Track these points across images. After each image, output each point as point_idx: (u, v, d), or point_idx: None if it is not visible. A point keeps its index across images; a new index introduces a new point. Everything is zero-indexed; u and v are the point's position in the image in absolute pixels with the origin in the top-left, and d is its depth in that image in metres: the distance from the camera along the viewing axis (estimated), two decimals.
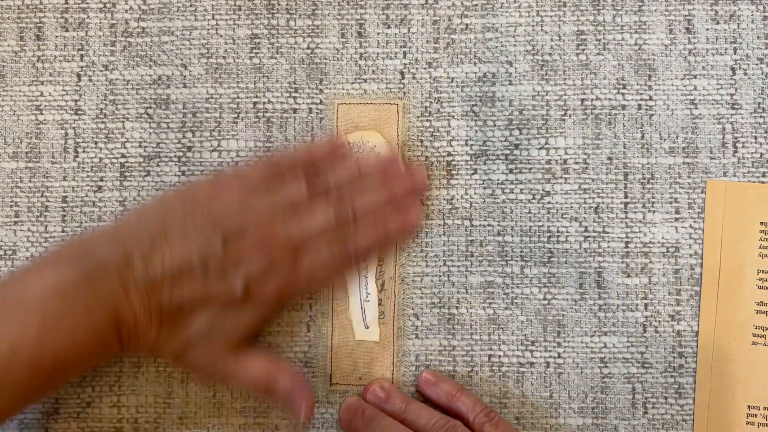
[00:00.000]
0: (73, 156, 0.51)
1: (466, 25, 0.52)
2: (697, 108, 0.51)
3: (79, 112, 0.52)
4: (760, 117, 0.51)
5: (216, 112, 0.52)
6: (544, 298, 0.50)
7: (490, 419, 0.46)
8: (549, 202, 0.51)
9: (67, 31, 0.52)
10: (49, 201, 0.51)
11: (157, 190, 0.51)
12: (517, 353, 0.50)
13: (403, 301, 0.50)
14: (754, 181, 0.51)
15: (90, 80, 0.52)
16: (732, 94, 0.51)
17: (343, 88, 0.52)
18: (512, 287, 0.50)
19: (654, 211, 0.50)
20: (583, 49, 0.52)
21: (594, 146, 0.51)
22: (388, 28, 0.52)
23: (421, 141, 0.51)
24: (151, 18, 0.52)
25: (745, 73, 0.51)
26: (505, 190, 0.51)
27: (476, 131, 0.51)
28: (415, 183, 0.49)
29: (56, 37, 0.52)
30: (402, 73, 0.52)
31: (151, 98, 0.52)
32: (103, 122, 0.52)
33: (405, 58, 0.52)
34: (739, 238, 0.50)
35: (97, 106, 0.52)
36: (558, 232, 0.50)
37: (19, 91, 0.52)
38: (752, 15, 0.51)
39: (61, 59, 0.52)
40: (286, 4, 0.52)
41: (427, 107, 0.51)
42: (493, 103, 0.51)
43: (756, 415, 0.49)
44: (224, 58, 0.52)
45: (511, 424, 0.49)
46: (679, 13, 0.52)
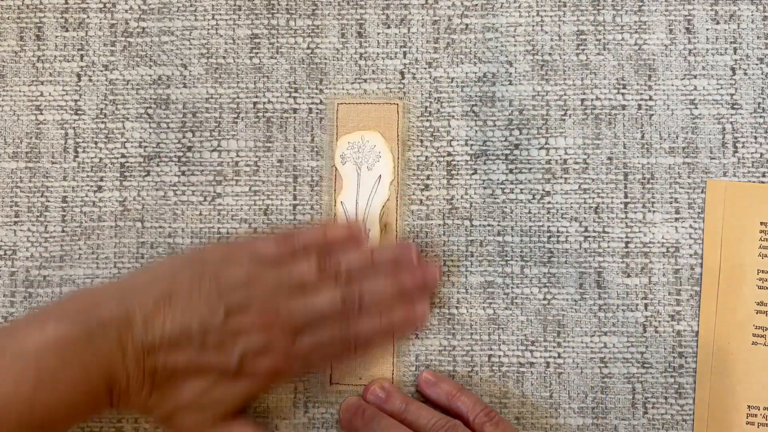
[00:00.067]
0: (73, 156, 0.51)
1: (466, 25, 0.52)
2: (697, 108, 0.51)
3: (79, 112, 0.52)
4: (760, 117, 0.51)
5: (216, 112, 0.52)
6: (544, 298, 0.50)
7: (490, 419, 0.46)
8: (549, 202, 0.51)
9: (67, 31, 0.52)
10: (49, 201, 0.51)
11: (157, 190, 0.51)
12: (517, 353, 0.50)
13: None
14: (754, 181, 0.51)
15: (90, 80, 0.52)
16: (732, 94, 0.51)
17: (343, 88, 0.52)
18: (512, 287, 0.50)
19: (654, 211, 0.50)
20: (583, 49, 0.52)
21: (594, 146, 0.51)
22: (388, 28, 0.52)
23: (421, 141, 0.51)
24: (151, 18, 0.52)
25: (745, 73, 0.51)
26: (505, 190, 0.51)
27: (476, 131, 0.51)
28: (426, 279, 0.49)
29: (56, 37, 0.52)
30: (402, 73, 0.52)
31: (151, 98, 0.52)
32: (103, 122, 0.52)
33: (405, 58, 0.52)
34: (739, 238, 0.50)
35: (97, 106, 0.52)
36: (558, 232, 0.50)
37: (19, 91, 0.52)
38: (752, 15, 0.51)
39: (61, 59, 0.52)
40: (286, 4, 0.52)
41: (427, 107, 0.51)
42: (493, 103, 0.51)
43: (756, 415, 0.49)
44: (224, 58, 0.52)
45: (511, 424, 0.49)
46: (679, 13, 0.52)
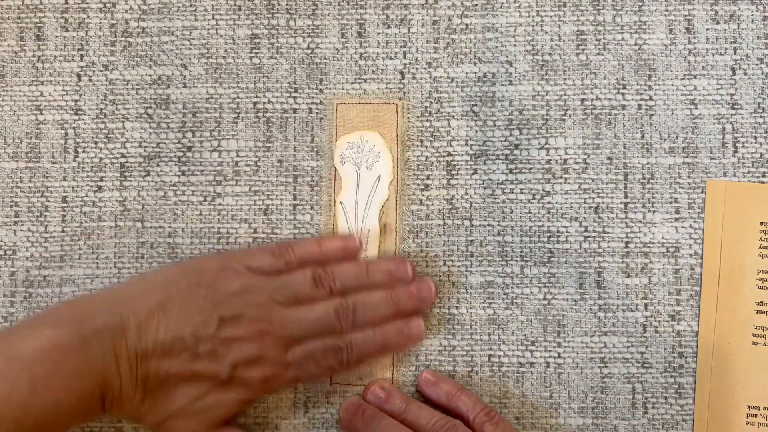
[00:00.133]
0: (73, 156, 0.51)
1: (466, 25, 0.52)
2: (697, 108, 0.51)
3: (79, 112, 0.52)
4: (760, 117, 0.51)
5: (216, 112, 0.52)
6: (544, 298, 0.50)
7: (490, 419, 0.46)
8: (549, 202, 0.51)
9: (67, 31, 0.52)
10: (49, 201, 0.51)
11: (157, 190, 0.51)
12: (517, 353, 0.50)
13: None
14: (754, 181, 0.50)
15: (90, 80, 0.52)
16: (732, 94, 0.51)
17: (343, 88, 0.52)
18: (512, 287, 0.50)
19: (654, 211, 0.50)
20: (583, 49, 0.52)
21: (594, 146, 0.51)
22: (388, 28, 0.52)
23: (421, 141, 0.51)
24: (151, 18, 0.52)
25: (745, 73, 0.51)
26: (505, 190, 0.51)
27: (476, 131, 0.51)
28: (421, 296, 0.48)
29: (56, 37, 0.52)
30: (402, 73, 0.52)
31: (151, 98, 0.52)
32: (103, 122, 0.52)
33: (405, 58, 0.52)
34: (739, 238, 0.50)
35: (97, 106, 0.52)
36: (558, 232, 0.50)
37: (19, 91, 0.52)
38: (752, 15, 0.51)
39: (61, 59, 0.52)
40: (286, 4, 0.52)
41: (427, 107, 0.51)
42: (493, 103, 0.51)
43: (756, 415, 0.49)
44: (224, 58, 0.52)
45: (511, 424, 0.49)
46: (679, 13, 0.52)
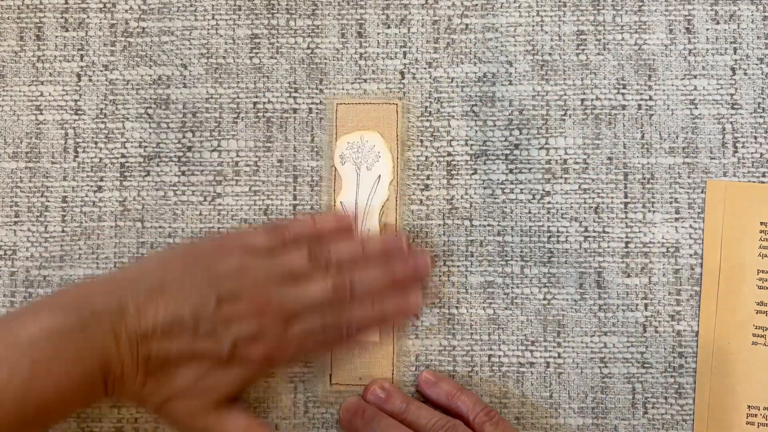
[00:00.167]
0: (73, 156, 0.51)
1: (466, 25, 0.52)
2: (697, 108, 0.51)
3: (79, 112, 0.52)
4: (760, 117, 0.51)
5: (216, 112, 0.52)
6: (544, 298, 0.50)
7: (490, 419, 0.46)
8: (549, 202, 0.51)
9: (67, 31, 0.52)
10: (49, 201, 0.51)
11: (157, 190, 0.51)
12: (517, 353, 0.50)
13: None
14: (754, 181, 0.50)
15: (90, 80, 0.52)
16: (732, 94, 0.51)
17: (343, 88, 0.52)
18: (512, 287, 0.50)
19: (654, 211, 0.50)
20: (583, 49, 0.52)
21: (594, 146, 0.51)
22: (388, 28, 0.52)
23: (421, 141, 0.51)
24: (151, 18, 0.52)
25: (745, 73, 0.51)
26: (505, 190, 0.51)
27: (476, 131, 0.51)
28: (417, 268, 0.49)
29: (56, 37, 0.52)
30: (402, 73, 0.52)
31: (151, 98, 0.52)
32: (103, 122, 0.52)
33: (405, 58, 0.52)
34: (739, 238, 0.50)
35: (97, 106, 0.52)
36: (558, 232, 0.50)
37: (19, 91, 0.52)
38: (752, 15, 0.51)
39: (61, 59, 0.52)
40: (286, 4, 0.52)
41: (427, 107, 0.51)
42: (493, 103, 0.51)
43: (756, 415, 0.49)
44: (224, 58, 0.52)
45: (511, 424, 0.49)
46: (679, 13, 0.52)
